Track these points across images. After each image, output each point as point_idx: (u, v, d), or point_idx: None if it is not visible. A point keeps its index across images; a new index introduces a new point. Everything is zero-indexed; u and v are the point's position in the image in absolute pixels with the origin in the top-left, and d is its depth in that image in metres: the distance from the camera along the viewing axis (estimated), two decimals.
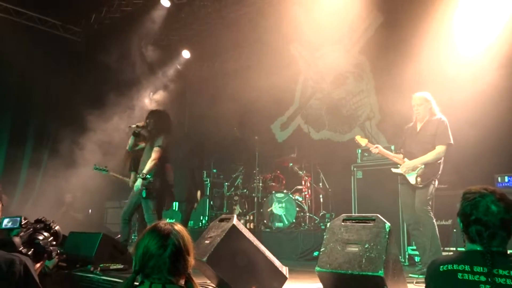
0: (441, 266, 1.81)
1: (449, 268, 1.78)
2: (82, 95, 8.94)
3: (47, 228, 2.51)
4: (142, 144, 5.67)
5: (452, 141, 4.50)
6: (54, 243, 2.49)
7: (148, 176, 5.24)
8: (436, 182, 4.55)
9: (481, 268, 1.72)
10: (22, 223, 2.47)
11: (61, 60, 9.23)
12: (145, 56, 8.94)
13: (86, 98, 8.91)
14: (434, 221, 4.40)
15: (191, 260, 1.70)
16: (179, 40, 10.04)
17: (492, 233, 1.78)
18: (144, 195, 5.24)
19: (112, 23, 9.32)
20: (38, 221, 2.56)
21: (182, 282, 1.66)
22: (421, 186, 4.50)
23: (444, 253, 5.08)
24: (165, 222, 1.74)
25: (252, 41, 8.80)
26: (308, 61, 9.05)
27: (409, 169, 4.63)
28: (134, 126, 5.54)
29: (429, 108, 4.68)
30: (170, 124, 5.63)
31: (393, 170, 4.85)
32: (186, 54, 9.97)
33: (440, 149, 4.51)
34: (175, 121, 11.00)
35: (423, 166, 4.56)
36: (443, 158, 4.53)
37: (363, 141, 5.04)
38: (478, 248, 1.82)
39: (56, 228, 2.56)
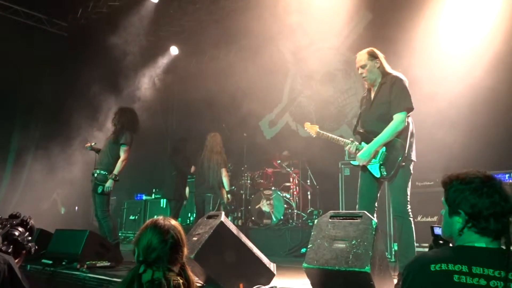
0: (432, 265, 1.51)
1: (443, 268, 1.49)
2: (68, 91, 8.85)
3: (24, 223, 2.47)
4: None
5: (412, 105, 3.50)
6: (30, 238, 2.45)
7: (104, 172, 5.26)
8: (411, 166, 3.50)
9: (481, 269, 1.46)
10: None
11: (47, 55, 9.11)
12: (132, 52, 8.86)
13: (71, 94, 8.82)
14: (413, 225, 3.46)
15: (185, 251, 1.98)
16: (167, 36, 9.98)
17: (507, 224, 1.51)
18: (99, 191, 5.22)
19: (99, 18, 9.21)
20: (13, 216, 2.51)
21: (178, 269, 1.93)
22: (389, 177, 3.50)
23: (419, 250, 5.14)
24: (163, 218, 1.98)
25: (241, 37, 8.78)
26: (297, 58, 9.06)
27: (367, 156, 3.54)
28: (88, 145, 5.62)
29: (377, 68, 3.67)
30: (135, 122, 5.59)
31: (352, 162, 3.82)
32: (174, 50, 9.91)
33: (398, 118, 3.45)
34: (162, 118, 11.02)
35: (384, 149, 3.51)
36: (410, 132, 3.52)
37: (313, 130, 4.05)
38: (480, 244, 1.56)
39: (31, 223, 2.52)
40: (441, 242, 1.93)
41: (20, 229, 2.41)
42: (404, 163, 3.45)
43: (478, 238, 1.57)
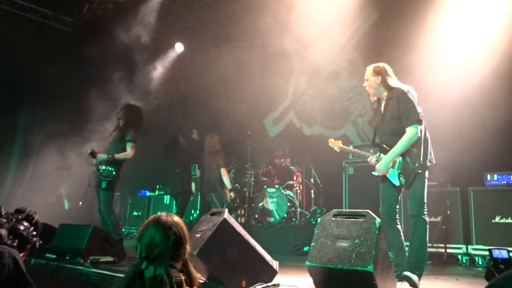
0: None
1: None
2: (73, 87, 8.87)
3: (29, 218, 2.48)
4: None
5: (421, 117, 3.70)
6: (34, 233, 2.46)
7: (109, 167, 5.23)
8: (426, 173, 3.73)
9: None
10: (2, 213, 2.44)
11: (52, 51, 9.13)
12: (137, 49, 8.87)
13: (76, 90, 8.84)
14: (428, 227, 3.68)
15: (188, 248, 1.97)
16: (172, 33, 9.98)
17: None
18: (103, 186, 5.22)
19: (105, 14, 9.23)
20: (18, 211, 2.52)
21: (180, 265, 1.91)
22: (407, 184, 3.71)
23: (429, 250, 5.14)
24: (166, 215, 1.97)
25: (246, 35, 8.77)
26: (302, 56, 9.04)
27: (384, 167, 3.77)
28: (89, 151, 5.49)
29: (378, 83, 3.91)
30: (140, 119, 5.60)
31: (372, 173, 4.02)
32: (179, 47, 9.91)
33: (411, 131, 3.66)
34: (167, 114, 11.03)
35: (400, 159, 3.74)
36: (424, 139, 3.72)
37: (336, 145, 4.35)
38: None
39: (36, 218, 2.53)
40: (501, 266, 1.82)
41: (25, 223, 2.41)
42: (420, 170, 3.64)
43: None
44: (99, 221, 5.63)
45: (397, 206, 3.91)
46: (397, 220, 3.87)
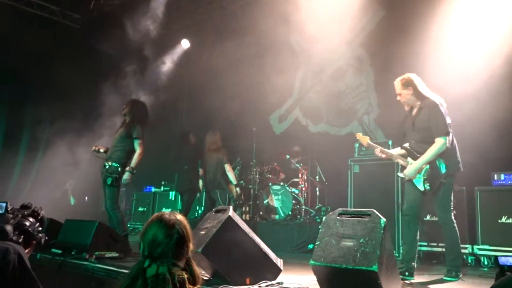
0: None
1: None
2: (80, 82, 8.90)
3: (34, 214, 2.48)
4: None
5: (449, 129, 3.97)
6: (40, 229, 2.47)
7: (115, 164, 5.25)
8: (453, 179, 4.03)
9: None
10: (8, 209, 2.44)
11: (59, 47, 9.17)
12: (144, 45, 8.89)
13: (84, 85, 8.88)
14: (457, 228, 4.01)
15: (191, 246, 1.96)
16: (178, 29, 9.98)
17: None
18: (109, 182, 5.23)
19: (111, 10, 9.23)
20: (24, 206, 2.52)
21: (183, 264, 1.91)
22: (432, 191, 3.99)
23: (436, 249, 5.13)
24: (169, 213, 1.96)
25: (252, 32, 8.75)
26: (308, 53, 9.01)
27: (413, 172, 4.06)
28: (95, 149, 5.59)
29: (411, 95, 4.12)
30: (146, 115, 5.61)
31: (399, 174, 4.39)
32: (185, 43, 9.91)
33: (440, 142, 3.93)
34: (172, 111, 11.05)
35: (428, 167, 4.01)
36: (453, 148, 4.02)
37: (364, 140, 4.49)
38: None
39: (42, 214, 2.53)
40: (508, 273, 1.81)
41: (31, 219, 2.41)
42: (444, 180, 3.95)
43: None
44: (105, 217, 5.66)
45: (421, 207, 4.19)
46: (417, 219, 4.16)
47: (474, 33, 6.15)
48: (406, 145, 4.26)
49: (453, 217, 4.02)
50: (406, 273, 3.94)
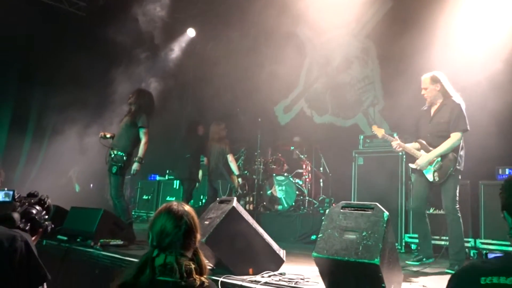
0: (483, 278, 1.38)
1: (494, 281, 1.36)
2: (86, 71, 8.91)
3: (41, 202, 2.51)
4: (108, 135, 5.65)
5: (467, 126, 4.18)
6: (46, 217, 2.50)
7: (120, 153, 5.29)
8: (459, 176, 4.22)
9: None
10: (15, 197, 2.47)
11: (65, 35, 9.16)
12: (149, 34, 8.86)
13: (89, 74, 8.88)
14: (461, 220, 4.16)
15: (198, 236, 1.99)
16: (184, 18, 9.92)
17: None
18: (114, 171, 5.27)
19: None
20: (31, 195, 2.55)
21: (191, 254, 1.94)
22: (440, 182, 4.21)
23: (438, 243, 5.14)
24: (177, 204, 1.99)
25: (258, 22, 8.69)
26: (314, 44, 8.96)
27: (425, 163, 4.27)
28: (102, 135, 5.59)
29: (437, 90, 4.31)
30: (152, 104, 5.63)
31: (410, 165, 4.53)
32: (191, 32, 9.88)
33: (455, 137, 4.15)
34: (177, 100, 11.06)
35: (439, 159, 4.22)
36: (462, 147, 4.22)
37: (379, 132, 4.67)
38: None
39: (48, 202, 2.56)
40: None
41: (38, 207, 2.45)
42: (454, 173, 4.15)
43: None
44: (110, 204, 5.71)
45: (427, 201, 4.46)
46: (425, 213, 4.46)
47: (481, 25, 6.08)
48: (421, 139, 4.46)
49: (458, 208, 4.15)
50: (424, 259, 4.39)
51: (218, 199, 3.93)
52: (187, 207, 2.00)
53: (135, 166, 5.33)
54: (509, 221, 1.55)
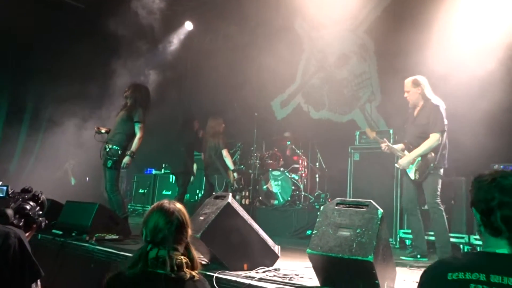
0: (449, 274, 1.44)
1: (460, 277, 1.42)
2: (84, 62, 8.85)
3: (35, 198, 2.51)
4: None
5: (445, 127, 4.40)
6: (40, 212, 2.50)
7: (115, 147, 5.27)
8: (441, 171, 4.44)
9: (500, 278, 1.36)
10: (9, 192, 2.46)
11: (63, 26, 9.09)
12: (148, 26, 8.80)
13: (87, 66, 8.82)
14: (444, 214, 4.35)
15: (190, 231, 2.11)
16: (182, 11, 9.87)
17: None
18: (109, 165, 5.26)
19: None
20: (25, 190, 2.54)
21: (182, 249, 2.04)
22: (420, 180, 4.45)
23: (431, 238, 5.17)
24: (169, 202, 2.11)
25: (256, 16, 8.66)
26: (312, 39, 8.93)
27: (406, 163, 4.55)
28: (97, 130, 5.59)
29: (418, 93, 4.54)
30: (148, 99, 5.61)
31: (395, 165, 4.86)
32: (189, 25, 9.83)
33: (434, 137, 4.39)
34: (175, 94, 11.02)
35: (419, 159, 4.47)
36: (443, 145, 4.42)
37: (371, 134, 5.08)
38: (501, 250, 1.47)
39: (42, 198, 2.55)
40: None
41: (32, 203, 2.44)
42: (433, 171, 4.38)
43: (496, 243, 1.48)
44: (106, 197, 5.70)
45: (417, 199, 4.62)
46: (417, 210, 4.60)
47: (479, 23, 6.07)
48: (405, 139, 4.74)
49: (439, 202, 4.36)
50: (418, 256, 4.50)
51: (213, 194, 3.94)
52: (178, 205, 2.11)
53: (126, 159, 5.31)
54: (477, 218, 1.59)
